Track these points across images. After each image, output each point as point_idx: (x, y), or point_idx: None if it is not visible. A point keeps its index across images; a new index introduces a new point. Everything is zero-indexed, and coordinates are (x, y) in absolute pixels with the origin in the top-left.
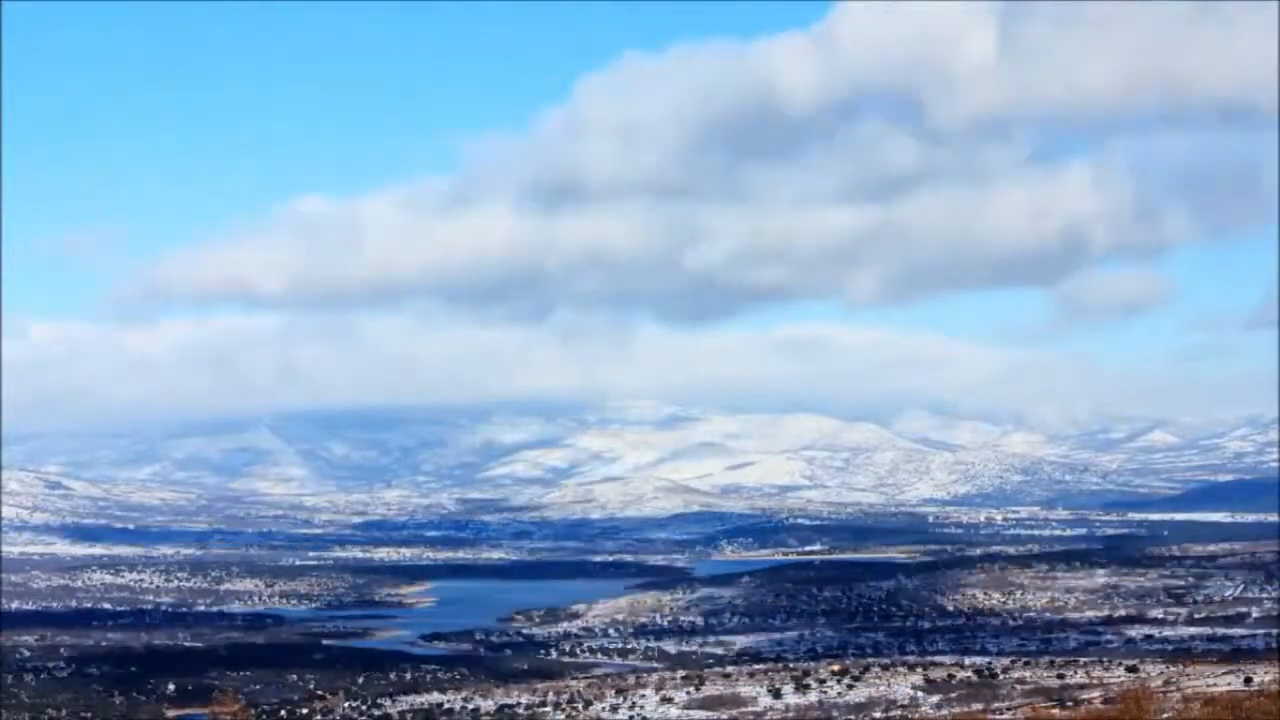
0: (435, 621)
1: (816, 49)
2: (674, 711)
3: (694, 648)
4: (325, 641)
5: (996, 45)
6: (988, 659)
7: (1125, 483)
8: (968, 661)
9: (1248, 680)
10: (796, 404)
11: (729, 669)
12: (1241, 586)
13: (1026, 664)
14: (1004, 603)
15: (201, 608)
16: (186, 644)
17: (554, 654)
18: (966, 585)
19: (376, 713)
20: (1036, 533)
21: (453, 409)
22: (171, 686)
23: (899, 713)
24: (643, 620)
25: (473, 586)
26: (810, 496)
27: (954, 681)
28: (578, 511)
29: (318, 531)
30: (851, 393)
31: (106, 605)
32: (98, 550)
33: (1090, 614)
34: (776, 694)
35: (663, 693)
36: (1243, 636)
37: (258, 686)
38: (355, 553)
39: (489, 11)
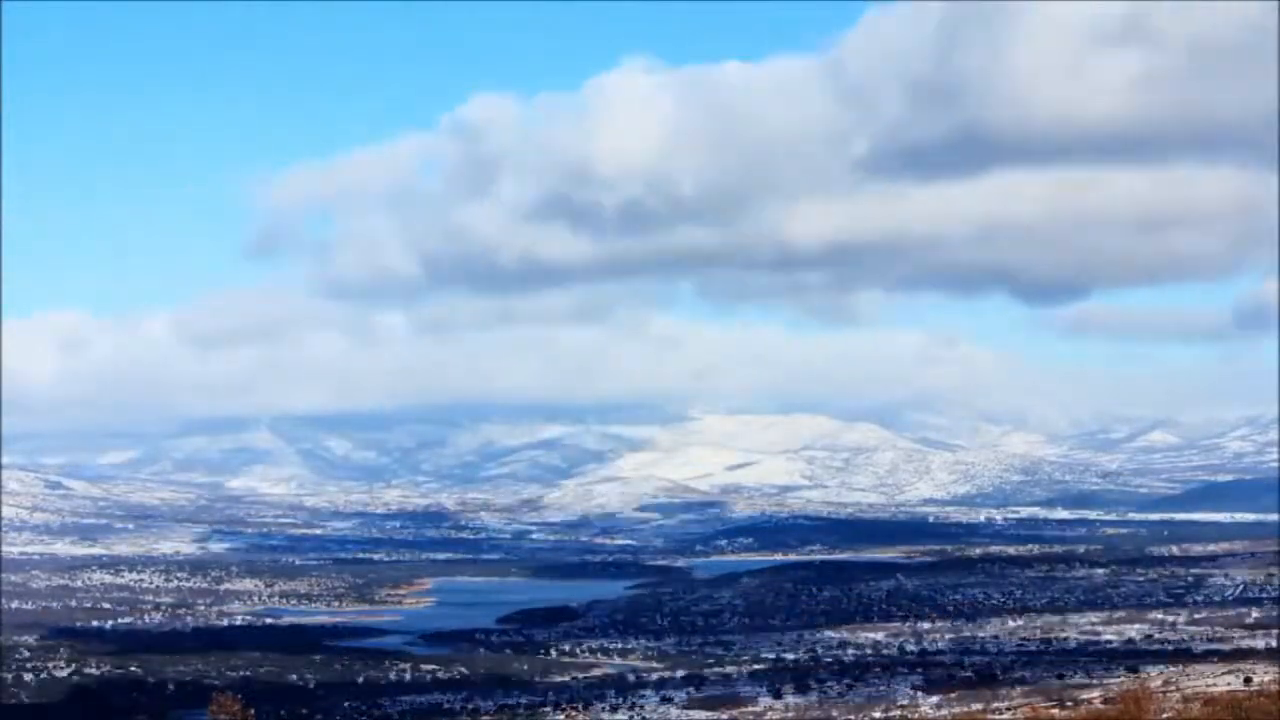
0: (435, 621)
1: None
2: (674, 711)
3: (694, 648)
4: (325, 641)
5: None
6: (988, 659)
7: (1125, 483)
8: (968, 661)
9: (1248, 680)
10: (796, 404)
11: (729, 669)
12: (1241, 586)
13: (1026, 664)
14: (1004, 602)
15: (201, 607)
16: (186, 644)
17: (554, 654)
18: (966, 585)
19: (376, 713)
20: (1036, 533)
21: (453, 409)
22: (171, 686)
23: (899, 713)
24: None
25: (473, 586)
26: (810, 496)
27: (954, 681)
28: (577, 511)
29: (317, 531)
30: (851, 393)
31: (106, 605)
32: (98, 550)
33: (1090, 614)
34: (776, 694)
35: (663, 693)
36: (1243, 636)
37: (258, 687)
38: (355, 553)
39: None
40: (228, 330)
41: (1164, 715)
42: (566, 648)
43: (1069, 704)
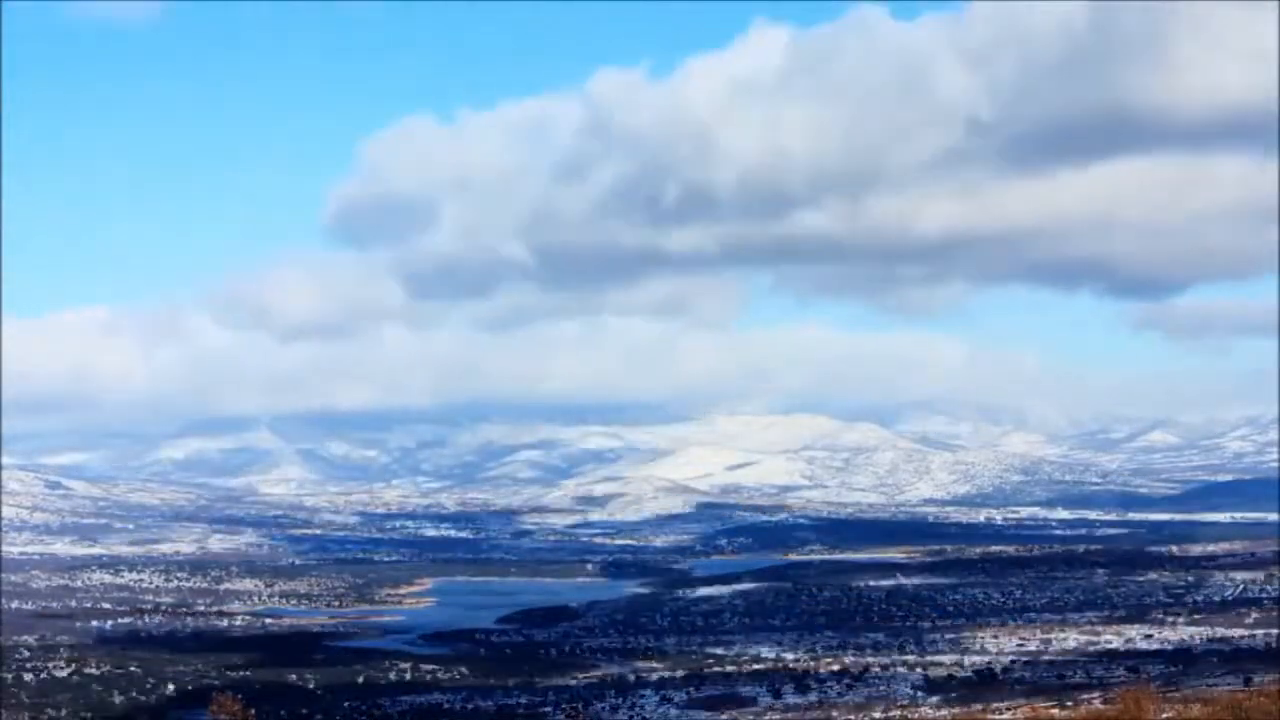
0: (435, 621)
1: None
2: (674, 711)
3: (694, 648)
4: (325, 641)
5: None
6: (988, 659)
7: (1125, 483)
8: (968, 661)
9: (1248, 680)
10: (796, 404)
11: (729, 669)
12: (1241, 586)
13: (1026, 664)
14: (1004, 602)
15: (201, 608)
16: (186, 644)
17: (554, 654)
18: (966, 585)
19: (376, 713)
20: (1036, 533)
21: (453, 409)
22: (171, 686)
23: (899, 713)
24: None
25: (473, 586)
26: (810, 496)
27: (954, 681)
28: (578, 511)
29: (317, 531)
30: (851, 393)
31: (106, 605)
32: (98, 550)
33: (1090, 614)
34: (776, 694)
35: (663, 693)
36: (1243, 636)
37: (258, 686)
38: (355, 552)
39: None
40: (285, 326)
41: (1164, 715)
42: (566, 648)
43: (1069, 704)
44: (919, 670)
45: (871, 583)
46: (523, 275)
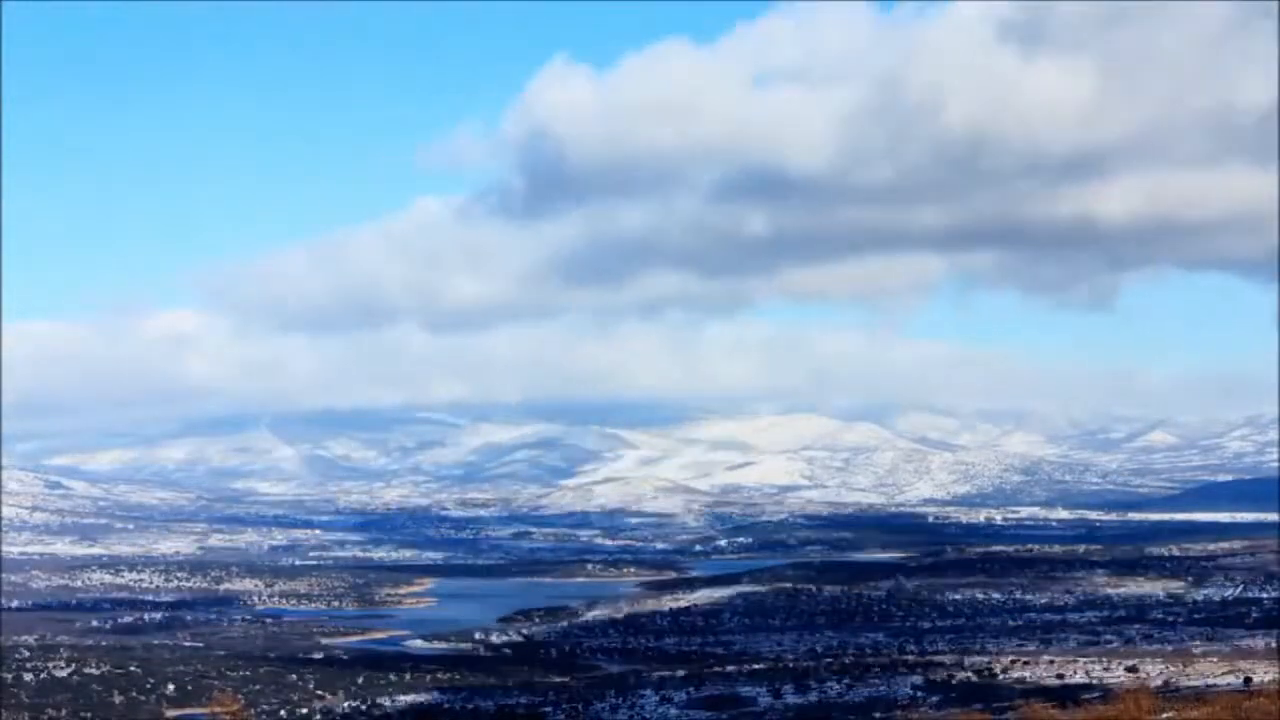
0: (435, 621)
1: None
2: (674, 711)
3: (694, 648)
4: (325, 641)
5: None
6: (988, 659)
7: (1125, 483)
8: (968, 661)
9: (1248, 680)
10: (796, 404)
11: (729, 669)
12: (1241, 586)
13: (1026, 664)
14: (1004, 603)
15: (201, 607)
16: (186, 643)
17: (554, 654)
18: (966, 585)
19: (376, 713)
20: (1036, 533)
21: (453, 409)
22: (171, 686)
23: (899, 713)
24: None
25: (473, 586)
26: (810, 496)
27: (954, 681)
28: (578, 511)
29: (317, 531)
30: (851, 393)
31: (106, 605)
32: (97, 550)
33: (1090, 614)
34: (776, 694)
35: (663, 692)
36: (1243, 636)
37: (257, 686)
38: (355, 552)
39: None
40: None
41: (1164, 715)
42: (566, 648)
43: (1069, 704)
44: (919, 670)
45: (871, 583)
46: (666, 263)
